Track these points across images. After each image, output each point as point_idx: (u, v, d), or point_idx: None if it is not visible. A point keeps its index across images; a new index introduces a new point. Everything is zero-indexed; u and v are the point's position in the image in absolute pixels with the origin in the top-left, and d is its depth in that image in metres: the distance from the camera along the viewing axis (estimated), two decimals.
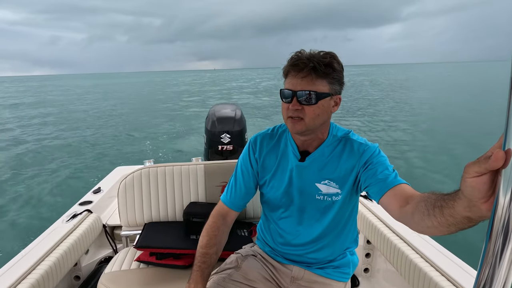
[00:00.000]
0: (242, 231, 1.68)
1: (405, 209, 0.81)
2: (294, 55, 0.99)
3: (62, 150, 8.07)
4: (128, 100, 20.17)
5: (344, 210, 1.11)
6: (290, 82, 0.98)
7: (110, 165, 6.10)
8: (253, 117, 12.00)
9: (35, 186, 5.67)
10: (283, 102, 1.02)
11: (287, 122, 1.03)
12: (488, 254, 0.39)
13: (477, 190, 0.46)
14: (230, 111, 2.66)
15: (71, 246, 1.54)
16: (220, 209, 1.19)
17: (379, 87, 28.74)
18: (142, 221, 1.75)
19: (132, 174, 1.73)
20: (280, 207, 1.16)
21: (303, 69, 0.95)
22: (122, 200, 1.73)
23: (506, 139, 0.38)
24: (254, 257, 1.25)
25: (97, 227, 1.83)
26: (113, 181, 2.41)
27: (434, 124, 11.10)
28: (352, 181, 1.06)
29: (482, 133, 9.14)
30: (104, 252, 1.99)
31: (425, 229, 0.70)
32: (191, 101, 20.06)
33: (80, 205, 1.97)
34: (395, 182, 0.93)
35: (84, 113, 15.18)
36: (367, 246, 1.89)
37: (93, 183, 2.50)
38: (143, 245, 1.52)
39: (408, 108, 15.07)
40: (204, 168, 1.78)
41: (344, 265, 1.20)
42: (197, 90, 29.96)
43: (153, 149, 8.06)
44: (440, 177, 5.87)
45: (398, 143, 8.46)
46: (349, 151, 1.06)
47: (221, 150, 2.53)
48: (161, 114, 14.16)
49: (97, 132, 10.41)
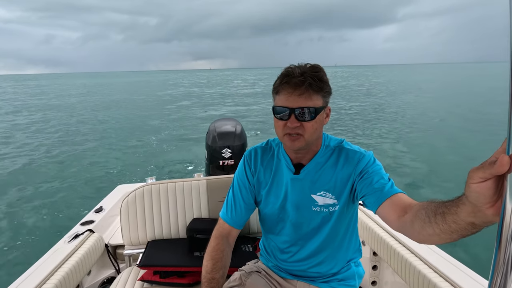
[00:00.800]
0: (246, 247, 1.65)
1: (403, 219, 0.80)
2: (285, 72, 0.98)
3: (59, 168, 8.01)
4: (123, 108, 19.57)
5: (342, 220, 1.10)
6: (286, 99, 0.97)
7: (111, 183, 6.06)
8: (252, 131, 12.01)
9: (33, 207, 5.62)
10: (277, 119, 1.00)
11: (283, 139, 1.01)
12: (498, 262, 0.38)
13: (482, 195, 0.46)
14: (231, 126, 2.68)
15: (73, 267, 1.52)
16: (221, 230, 1.16)
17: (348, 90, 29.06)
18: (145, 239, 1.73)
19: (134, 192, 1.73)
20: (277, 222, 1.15)
21: (300, 86, 0.94)
22: (125, 218, 1.72)
23: (510, 144, 0.38)
24: (258, 273, 1.23)
25: (99, 247, 1.81)
26: (115, 200, 2.39)
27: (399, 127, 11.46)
28: (349, 190, 1.05)
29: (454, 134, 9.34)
30: (107, 273, 1.96)
31: (427, 237, 0.69)
32: (191, 108, 19.77)
33: (82, 225, 1.95)
34: (391, 192, 0.92)
35: (77, 124, 14.60)
36: (373, 258, 1.86)
37: (95, 202, 2.49)
38: (146, 264, 1.50)
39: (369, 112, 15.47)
40: (206, 183, 1.77)
41: (349, 277, 1.17)
42: (199, 94, 29.36)
43: (154, 165, 8.04)
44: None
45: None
46: (344, 160, 1.06)
47: (222, 165, 2.53)
48: (158, 124, 13.95)
49: (96, 147, 10.31)
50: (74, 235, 1.77)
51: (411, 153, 8.15)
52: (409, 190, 5.43)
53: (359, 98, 21.77)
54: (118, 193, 2.54)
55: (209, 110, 16.61)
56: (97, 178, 7.14)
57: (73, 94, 32.06)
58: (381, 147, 8.87)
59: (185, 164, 7.89)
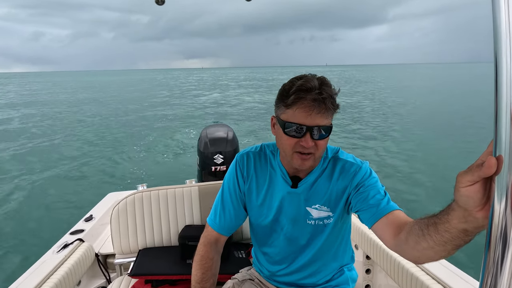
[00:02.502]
0: (239, 253, 1.64)
1: (399, 237, 0.78)
2: (301, 86, 0.87)
3: (46, 174, 7.83)
4: (112, 111, 19.00)
5: (337, 232, 1.07)
6: (303, 117, 0.88)
7: (101, 191, 5.97)
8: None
9: (21, 216, 5.48)
10: (286, 135, 0.92)
11: (292, 157, 0.94)
12: (488, 263, 0.39)
13: (471, 199, 0.46)
14: (222, 132, 2.68)
15: (62, 278, 1.48)
16: (209, 237, 1.12)
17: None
18: (136, 247, 1.70)
19: (125, 199, 1.70)
20: (270, 234, 1.11)
21: (320, 103, 0.87)
22: (115, 227, 1.69)
23: (496, 146, 0.38)
24: (252, 281, 1.22)
25: (90, 257, 1.77)
26: (105, 208, 2.35)
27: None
28: (344, 203, 1.02)
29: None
30: (98, 283, 1.91)
31: (421, 252, 0.67)
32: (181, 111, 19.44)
33: (71, 234, 1.91)
34: (388, 209, 0.89)
35: (64, 129, 14.17)
36: (366, 262, 1.87)
37: (84, 211, 2.45)
38: (138, 273, 1.47)
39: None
40: (198, 190, 1.75)
41: (343, 282, 1.17)
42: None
43: (145, 172, 7.95)
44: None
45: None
46: (339, 172, 1.02)
47: (214, 171, 2.53)
48: (148, 127, 13.70)
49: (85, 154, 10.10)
50: (63, 245, 1.73)
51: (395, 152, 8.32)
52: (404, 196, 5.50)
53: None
54: (108, 201, 2.50)
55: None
56: (87, 186, 7.03)
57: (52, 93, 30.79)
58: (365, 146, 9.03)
59: (176, 170, 7.83)
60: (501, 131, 0.37)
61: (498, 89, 0.37)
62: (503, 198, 0.37)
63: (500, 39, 0.36)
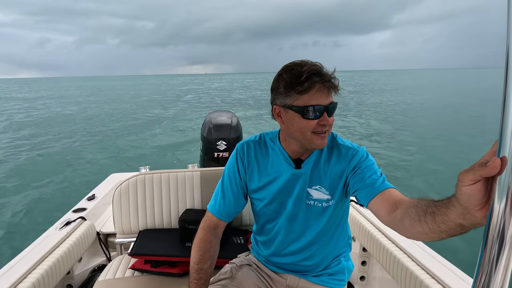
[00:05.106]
0: (238, 239, 1.67)
1: (394, 214, 0.81)
2: (311, 70, 0.93)
3: (55, 158, 7.95)
4: (119, 103, 19.81)
5: (335, 215, 1.10)
6: (319, 98, 0.94)
7: (105, 171, 6.04)
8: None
9: (26, 194, 5.58)
10: (305, 119, 0.95)
11: (311, 138, 0.98)
12: (484, 261, 0.39)
13: (473, 197, 0.46)
14: (226, 118, 2.67)
15: (64, 254, 1.51)
16: (209, 221, 1.16)
17: None
18: (137, 228, 1.73)
19: (127, 180, 1.72)
20: (272, 215, 1.15)
21: (329, 82, 0.94)
22: (117, 207, 1.71)
23: (500, 146, 0.38)
24: (249, 267, 1.24)
25: (91, 235, 1.81)
26: (107, 188, 2.39)
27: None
28: (342, 186, 1.06)
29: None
30: (98, 260, 1.96)
31: (415, 234, 0.70)
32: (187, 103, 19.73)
33: (74, 212, 1.94)
34: (383, 187, 0.93)
35: (73, 116, 14.76)
36: (363, 254, 1.89)
37: (87, 190, 2.48)
38: (137, 253, 1.50)
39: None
40: (200, 174, 1.77)
41: (339, 271, 1.19)
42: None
43: (149, 155, 8.01)
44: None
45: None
46: (337, 156, 1.06)
47: (217, 157, 2.53)
48: (153, 118, 13.95)
49: (89, 138, 10.26)
50: (66, 222, 1.76)
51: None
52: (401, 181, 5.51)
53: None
54: (111, 182, 2.53)
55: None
56: (90, 166, 7.10)
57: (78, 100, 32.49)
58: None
59: (179, 154, 7.87)
60: (506, 132, 0.37)
61: (508, 89, 0.36)
62: (503, 198, 0.37)
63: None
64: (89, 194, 2.26)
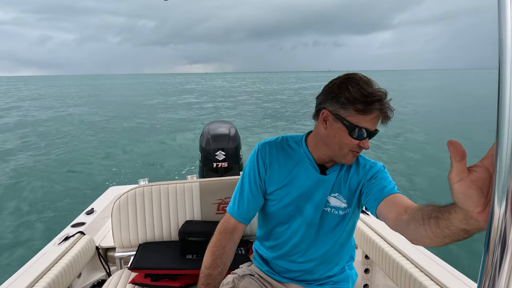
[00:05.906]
0: (239, 249, 1.65)
1: (401, 218, 0.81)
2: (376, 95, 0.94)
3: (49, 169, 7.89)
4: (115, 109, 19.61)
5: (348, 226, 1.12)
6: (373, 124, 0.97)
7: (103, 185, 6.00)
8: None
9: (23, 208, 5.52)
10: (349, 136, 0.98)
11: (346, 154, 1.02)
12: (487, 265, 0.39)
13: (467, 197, 0.46)
14: (225, 129, 2.68)
15: (62, 270, 1.49)
16: (226, 224, 1.14)
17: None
18: (136, 241, 1.72)
19: (126, 193, 1.71)
20: (283, 219, 1.13)
21: (386, 112, 0.96)
22: (116, 220, 1.70)
23: (498, 148, 0.38)
24: (252, 277, 1.22)
25: (90, 250, 1.79)
26: (106, 202, 2.37)
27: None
28: (358, 195, 1.07)
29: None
30: (98, 275, 1.93)
31: (419, 238, 0.70)
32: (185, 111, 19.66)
33: (73, 227, 1.92)
34: (391, 192, 0.95)
35: (70, 124, 14.54)
36: (365, 262, 1.87)
37: (86, 205, 2.46)
38: (137, 267, 1.48)
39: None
40: (200, 185, 1.76)
41: (344, 280, 1.18)
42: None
43: (147, 167, 7.98)
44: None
45: None
46: (355, 167, 1.09)
47: (216, 168, 2.53)
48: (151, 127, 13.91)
49: (88, 148, 10.18)
50: (65, 237, 1.74)
51: None
52: None
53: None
54: (110, 195, 2.52)
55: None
56: (89, 179, 7.06)
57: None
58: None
59: (178, 166, 7.85)
60: (503, 134, 0.37)
61: (501, 91, 0.37)
62: (503, 201, 0.37)
63: (505, 42, 0.36)
64: (88, 208, 2.24)
